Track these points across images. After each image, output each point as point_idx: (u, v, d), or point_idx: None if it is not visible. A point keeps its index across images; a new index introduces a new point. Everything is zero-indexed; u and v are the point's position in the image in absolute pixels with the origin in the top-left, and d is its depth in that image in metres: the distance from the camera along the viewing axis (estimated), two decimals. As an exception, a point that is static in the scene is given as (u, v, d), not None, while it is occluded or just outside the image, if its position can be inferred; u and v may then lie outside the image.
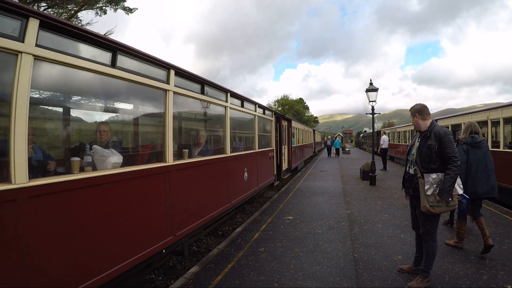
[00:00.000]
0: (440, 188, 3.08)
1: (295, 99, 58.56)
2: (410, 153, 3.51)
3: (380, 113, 12.84)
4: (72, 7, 14.30)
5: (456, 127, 10.30)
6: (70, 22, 2.49)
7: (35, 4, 13.16)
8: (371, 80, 10.60)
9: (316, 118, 74.54)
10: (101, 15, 15.07)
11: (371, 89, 10.48)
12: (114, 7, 15.23)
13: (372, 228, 5.48)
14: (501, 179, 7.50)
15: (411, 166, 3.44)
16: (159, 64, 3.71)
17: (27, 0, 12.33)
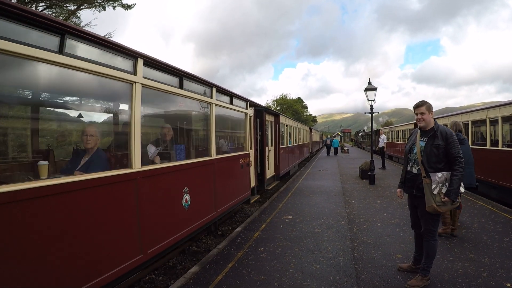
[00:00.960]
0: (448, 189, 3.08)
1: (293, 98, 58.61)
2: (411, 152, 3.41)
3: (378, 112, 12.86)
4: (71, 5, 14.28)
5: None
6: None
7: (34, 4, 13.12)
8: (369, 80, 10.63)
9: (315, 117, 74.62)
10: (100, 11, 15.06)
11: (370, 88, 10.51)
12: (113, 5, 15.22)
13: (372, 227, 5.49)
14: (499, 178, 7.54)
15: (414, 166, 3.35)
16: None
17: (25, 0, 12.29)
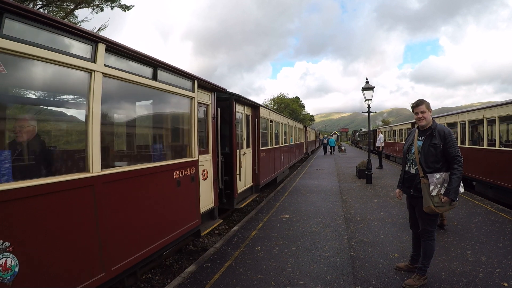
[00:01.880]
0: (447, 188, 3.03)
1: (291, 97, 58.57)
2: (409, 151, 3.38)
3: (376, 111, 12.86)
4: (68, 5, 14.14)
5: (451, 125, 10.36)
6: None
7: (31, 3, 12.98)
8: (367, 79, 10.62)
9: (312, 116, 74.64)
10: (97, 12, 14.93)
11: (367, 87, 10.50)
12: (111, 5, 15.09)
13: (369, 226, 5.49)
14: (496, 177, 7.56)
15: (412, 166, 3.31)
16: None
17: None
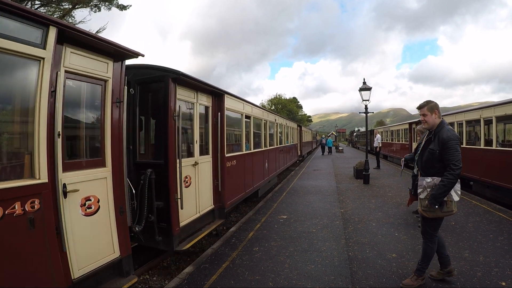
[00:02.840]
0: (431, 194, 2.95)
1: (288, 98, 58.61)
2: (417, 152, 3.37)
3: (373, 112, 12.88)
4: (66, 5, 14.08)
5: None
6: None
7: (29, 2, 12.91)
8: (364, 79, 10.64)
9: (310, 116, 74.63)
10: (95, 11, 14.88)
11: (365, 88, 10.51)
12: (108, 6, 15.04)
13: (366, 226, 5.48)
14: (493, 177, 7.59)
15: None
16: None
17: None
